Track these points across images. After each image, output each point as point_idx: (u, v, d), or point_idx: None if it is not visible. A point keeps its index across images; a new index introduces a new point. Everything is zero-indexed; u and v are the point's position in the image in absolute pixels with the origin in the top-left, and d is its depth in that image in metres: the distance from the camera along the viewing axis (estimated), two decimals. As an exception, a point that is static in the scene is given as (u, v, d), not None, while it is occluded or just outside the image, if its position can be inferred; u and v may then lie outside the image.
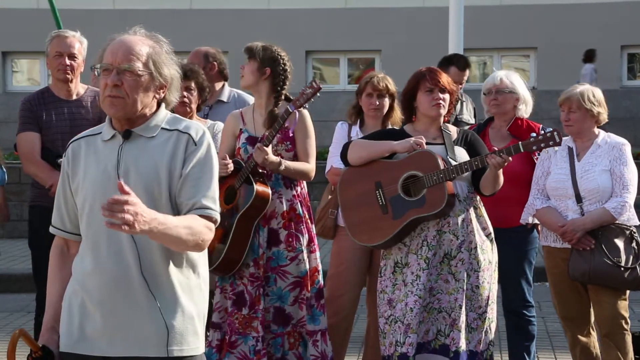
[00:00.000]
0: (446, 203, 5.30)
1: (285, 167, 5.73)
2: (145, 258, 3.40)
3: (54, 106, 6.19)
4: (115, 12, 15.52)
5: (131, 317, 3.40)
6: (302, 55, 15.93)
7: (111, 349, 3.42)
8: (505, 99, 6.12)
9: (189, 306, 3.46)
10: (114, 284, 3.40)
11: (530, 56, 16.34)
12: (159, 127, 3.49)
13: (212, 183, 3.45)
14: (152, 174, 3.41)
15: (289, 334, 5.83)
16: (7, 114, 14.74)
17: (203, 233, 3.38)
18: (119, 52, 3.42)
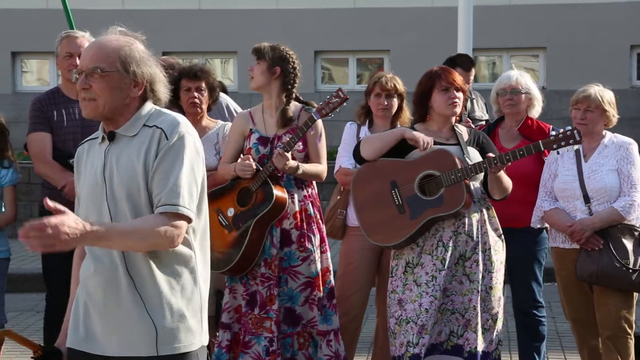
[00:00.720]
0: (465, 202, 5.29)
1: (303, 171, 5.75)
2: (130, 258, 3.40)
3: (64, 106, 6.19)
4: (124, 12, 15.53)
5: (121, 317, 3.42)
6: (310, 55, 15.91)
7: (107, 348, 3.45)
8: (520, 99, 6.12)
9: (178, 304, 3.43)
10: (106, 284, 3.43)
11: (540, 56, 16.29)
12: (141, 124, 3.46)
13: (180, 177, 3.36)
14: (130, 174, 3.40)
15: (298, 334, 5.84)
16: (17, 114, 14.75)
17: (164, 231, 3.30)
18: (86, 55, 3.44)
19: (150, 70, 3.47)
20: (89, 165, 3.53)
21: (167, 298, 3.42)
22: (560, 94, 14.73)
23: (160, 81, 3.52)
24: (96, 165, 3.48)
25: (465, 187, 5.31)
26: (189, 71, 6.18)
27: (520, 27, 15.60)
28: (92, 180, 3.48)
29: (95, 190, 3.45)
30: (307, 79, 15.74)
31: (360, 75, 16.82)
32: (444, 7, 14.55)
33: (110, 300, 3.43)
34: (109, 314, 3.44)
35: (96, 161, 3.50)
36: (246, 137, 5.92)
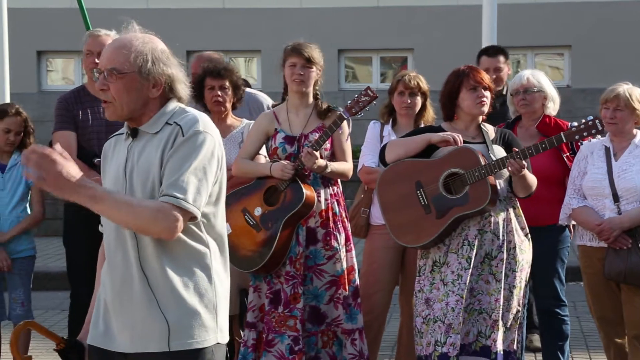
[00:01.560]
0: (490, 199, 5.28)
1: (331, 169, 5.76)
2: (144, 255, 3.40)
3: (89, 105, 6.21)
4: (148, 11, 15.58)
5: (134, 313, 3.43)
6: (334, 54, 15.90)
7: (122, 344, 3.47)
8: (533, 98, 6.12)
9: (191, 300, 3.42)
10: (120, 281, 3.44)
11: (565, 54, 16.22)
12: (164, 122, 3.44)
13: (187, 171, 3.32)
14: (147, 169, 3.39)
15: (322, 332, 5.84)
16: (42, 113, 14.82)
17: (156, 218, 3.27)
18: (104, 55, 3.41)
19: (169, 70, 3.44)
20: (114, 161, 3.54)
21: (179, 294, 3.41)
22: (585, 93, 14.67)
23: (180, 80, 3.48)
24: (118, 161, 3.50)
25: (489, 184, 5.29)
26: (212, 70, 6.20)
27: (544, 25, 15.53)
28: (114, 175, 3.49)
29: (116, 184, 3.46)
30: (330, 77, 15.78)
31: (384, 74, 16.80)
32: (468, 5, 14.50)
33: (124, 296, 3.44)
34: (123, 310, 3.45)
35: (120, 157, 3.51)
36: (271, 136, 5.92)
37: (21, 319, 6.25)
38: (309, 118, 5.91)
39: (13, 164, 6.29)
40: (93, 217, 5.76)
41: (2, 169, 6.27)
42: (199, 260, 3.45)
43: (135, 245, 3.41)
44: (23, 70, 15.34)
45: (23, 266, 6.30)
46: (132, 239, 3.42)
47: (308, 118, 5.90)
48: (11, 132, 6.25)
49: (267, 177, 5.82)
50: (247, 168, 5.88)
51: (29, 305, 6.29)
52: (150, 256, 3.40)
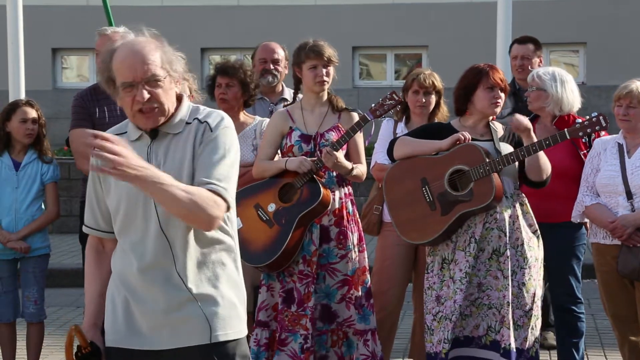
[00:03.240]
0: (494, 195, 5.29)
1: (355, 173, 5.78)
2: (177, 253, 3.43)
3: (106, 102, 6.22)
4: (163, 9, 15.60)
5: (173, 312, 3.44)
6: (349, 51, 15.90)
7: (154, 342, 3.47)
8: (535, 96, 6.09)
9: (228, 292, 3.49)
10: (153, 280, 3.44)
11: (580, 51, 16.19)
12: (184, 122, 3.49)
13: (222, 164, 3.41)
14: (179, 169, 3.42)
15: (332, 331, 5.83)
16: (57, 110, 14.88)
17: (207, 205, 3.32)
18: (136, 65, 3.40)
19: (181, 67, 3.52)
20: None
21: (216, 287, 3.47)
22: (601, 90, 14.63)
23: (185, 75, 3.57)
24: None
25: (494, 180, 5.30)
26: (221, 67, 6.25)
27: (559, 22, 15.49)
28: None
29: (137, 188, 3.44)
30: (345, 75, 15.78)
31: (399, 71, 16.80)
32: (483, 2, 14.48)
33: (160, 296, 3.44)
34: (160, 309, 3.45)
35: None
36: (285, 135, 5.92)
37: (34, 318, 6.28)
38: (325, 116, 5.91)
39: (27, 161, 6.29)
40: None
41: (16, 167, 6.28)
42: (229, 253, 3.53)
43: (166, 244, 3.43)
44: (38, 67, 15.40)
45: (37, 264, 6.31)
46: (162, 238, 3.42)
47: (324, 116, 5.91)
48: (28, 121, 6.25)
49: (282, 174, 5.82)
50: (263, 167, 5.88)
51: (42, 303, 6.30)
52: (183, 254, 3.43)
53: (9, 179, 6.23)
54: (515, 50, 7.57)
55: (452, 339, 5.36)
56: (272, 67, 6.80)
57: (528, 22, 14.03)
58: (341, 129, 5.85)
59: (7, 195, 6.22)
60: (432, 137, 5.56)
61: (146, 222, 3.45)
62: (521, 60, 7.43)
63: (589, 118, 5.39)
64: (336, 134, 5.83)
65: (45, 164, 6.32)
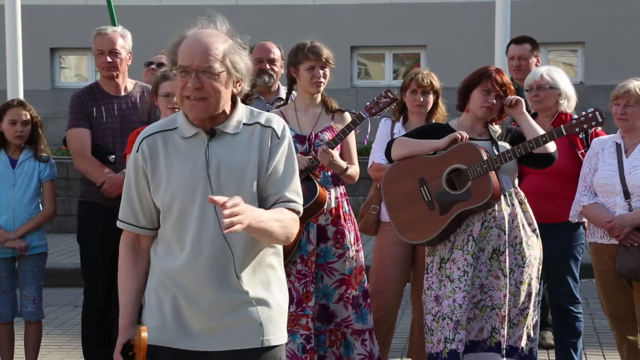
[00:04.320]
0: (492, 194, 5.29)
1: (349, 173, 5.78)
2: (237, 255, 3.44)
3: (103, 102, 6.22)
4: (161, 9, 15.59)
5: (227, 313, 3.46)
6: (347, 50, 15.90)
7: (209, 344, 3.48)
8: (546, 95, 6.09)
9: (279, 297, 3.56)
10: (209, 281, 3.44)
11: (578, 51, 16.18)
12: (241, 122, 3.50)
13: (295, 176, 3.52)
14: (242, 171, 3.44)
15: (330, 331, 5.83)
16: (55, 110, 14.87)
17: (291, 226, 3.47)
18: (196, 53, 3.41)
19: (246, 64, 3.51)
20: (174, 159, 3.49)
21: (269, 291, 3.52)
22: (599, 89, 14.63)
23: (250, 74, 3.56)
24: (192, 160, 3.46)
25: (491, 178, 5.30)
26: None
27: (558, 22, 15.50)
28: (188, 174, 3.45)
29: (195, 185, 3.44)
30: (343, 74, 15.79)
31: (397, 71, 16.79)
32: (482, 2, 14.48)
33: (217, 298, 3.45)
34: (213, 310, 3.45)
35: (190, 156, 3.47)
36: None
37: (32, 317, 6.27)
38: (319, 117, 5.91)
39: (24, 159, 6.28)
40: (107, 214, 5.80)
41: (13, 165, 6.27)
42: (278, 257, 3.60)
43: (225, 247, 3.43)
44: (36, 67, 15.40)
45: (35, 263, 6.30)
46: (221, 239, 3.42)
47: (318, 117, 5.91)
48: (17, 123, 6.23)
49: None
50: None
51: (40, 302, 6.29)
52: (242, 257, 3.46)
53: (6, 176, 6.22)
54: (512, 51, 7.57)
55: (463, 339, 5.33)
56: (269, 67, 6.80)
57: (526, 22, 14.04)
58: (335, 130, 5.86)
59: (5, 193, 6.21)
60: (430, 137, 5.56)
61: (202, 222, 3.44)
62: (518, 61, 7.43)
63: (584, 114, 5.41)
64: (330, 134, 5.84)
65: (42, 162, 6.30)
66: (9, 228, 6.20)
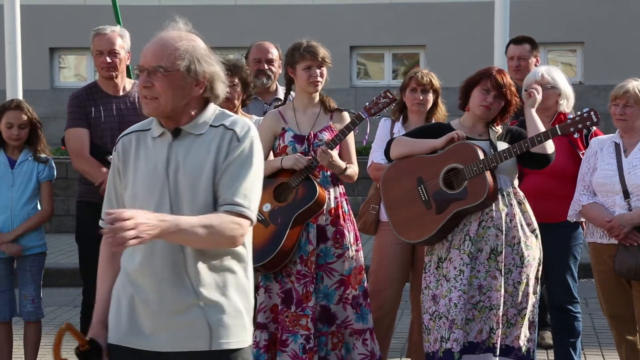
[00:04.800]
0: (488, 193, 5.29)
1: (348, 173, 5.77)
2: (190, 257, 3.42)
3: (102, 102, 6.22)
4: (160, 8, 15.59)
5: (176, 313, 3.43)
6: (346, 50, 15.90)
7: (155, 344, 3.46)
8: (547, 95, 6.08)
9: (235, 300, 3.48)
10: (161, 282, 3.43)
11: (577, 51, 16.19)
12: (207, 124, 3.48)
13: (247, 179, 3.42)
14: (198, 172, 3.41)
15: (332, 333, 5.82)
16: (54, 110, 14.87)
17: (229, 230, 3.35)
18: (149, 52, 3.44)
19: (211, 68, 3.49)
20: (141, 158, 3.51)
21: (223, 294, 3.46)
22: (598, 89, 14.63)
23: (221, 79, 3.53)
24: (155, 160, 3.47)
25: (487, 178, 5.30)
26: (224, 65, 6.17)
27: (557, 22, 15.50)
28: (150, 173, 3.47)
29: (154, 184, 3.45)
30: (342, 74, 15.79)
31: (396, 71, 16.79)
32: (481, 1, 14.49)
33: (166, 297, 3.44)
34: (164, 310, 3.44)
35: (154, 155, 3.48)
36: (278, 136, 5.89)
37: (32, 316, 6.27)
38: (317, 117, 5.90)
39: (23, 159, 6.28)
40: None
41: (12, 165, 6.26)
42: (240, 261, 3.52)
43: (178, 248, 3.41)
44: (36, 67, 15.39)
45: (34, 263, 6.30)
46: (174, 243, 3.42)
47: (316, 117, 5.90)
48: (13, 127, 6.22)
49: (277, 174, 5.81)
50: None
51: (39, 302, 6.29)
52: (194, 258, 3.42)
53: (5, 176, 6.22)
54: (511, 51, 7.57)
55: (458, 339, 5.34)
56: (267, 67, 6.80)
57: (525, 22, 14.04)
58: (334, 130, 5.85)
59: (3, 194, 6.21)
60: (431, 136, 5.56)
61: None
62: (518, 61, 7.43)
63: (580, 114, 5.42)
64: (329, 134, 5.83)
65: (41, 163, 6.30)
66: (6, 228, 6.19)
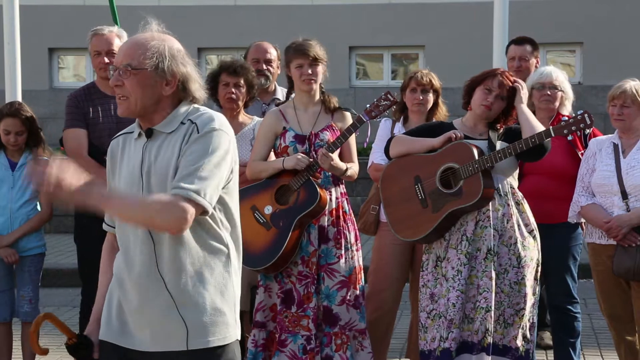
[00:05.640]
0: (482, 193, 5.29)
1: (349, 173, 5.77)
2: (161, 255, 3.42)
3: (100, 102, 6.22)
4: (160, 8, 15.58)
5: (153, 314, 3.45)
6: (345, 51, 15.89)
7: (140, 343, 3.48)
8: (556, 96, 6.12)
9: (212, 298, 3.45)
10: (137, 281, 3.46)
11: (576, 51, 16.18)
12: (179, 121, 3.46)
13: (201, 168, 3.32)
14: (166, 170, 3.41)
15: (336, 334, 5.80)
16: (54, 110, 14.86)
17: (169, 212, 3.27)
18: (121, 51, 3.46)
19: (183, 69, 3.47)
20: (125, 160, 3.54)
21: (199, 293, 3.43)
22: (597, 89, 14.62)
23: (194, 80, 3.50)
24: (133, 161, 3.50)
25: (482, 178, 5.30)
26: (229, 66, 6.16)
27: (556, 22, 15.48)
28: (129, 175, 3.49)
29: (132, 185, 3.47)
30: (341, 74, 15.78)
31: (395, 71, 16.78)
32: (480, 2, 14.48)
33: (142, 296, 3.45)
34: (141, 310, 3.46)
35: (133, 157, 3.51)
36: (279, 135, 5.89)
37: (29, 317, 6.27)
38: (318, 116, 5.90)
39: (23, 162, 6.27)
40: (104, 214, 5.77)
41: (12, 167, 6.27)
42: (219, 257, 3.47)
43: (150, 247, 3.42)
44: (35, 67, 15.37)
45: (32, 263, 6.30)
46: (148, 239, 3.42)
47: (317, 116, 5.89)
48: (11, 134, 6.22)
49: (278, 176, 5.81)
50: (259, 167, 5.84)
51: (36, 302, 6.29)
52: (167, 256, 3.41)
53: (6, 179, 6.22)
54: (512, 51, 7.56)
55: (456, 338, 5.35)
56: (265, 68, 6.80)
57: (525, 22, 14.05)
58: (335, 128, 5.85)
59: (3, 196, 6.21)
60: (432, 135, 5.57)
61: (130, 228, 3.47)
62: (519, 61, 7.43)
63: (574, 116, 5.42)
64: (330, 133, 5.83)
65: (41, 165, 6.29)
66: (5, 230, 6.20)
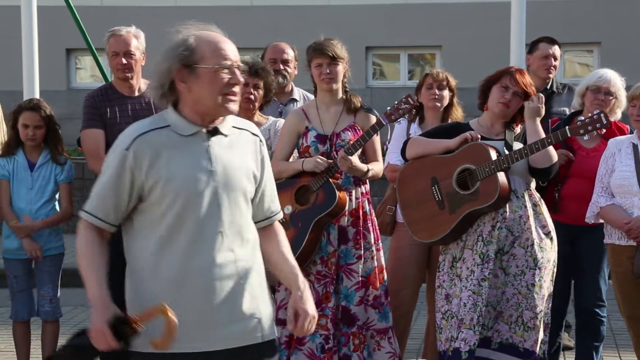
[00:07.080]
0: (499, 194, 5.27)
1: (371, 174, 5.76)
2: (238, 253, 3.55)
3: (117, 103, 6.22)
4: (176, 9, 15.62)
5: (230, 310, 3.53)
6: (362, 51, 15.90)
7: (211, 343, 3.52)
8: (609, 103, 6.05)
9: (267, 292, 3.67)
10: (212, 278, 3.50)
11: (594, 51, 16.14)
12: (230, 125, 3.61)
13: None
14: (244, 170, 3.58)
15: (353, 334, 5.80)
16: (71, 111, 14.89)
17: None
18: (234, 50, 3.65)
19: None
20: (175, 156, 3.50)
21: (265, 289, 3.66)
22: (615, 90, 14.56)
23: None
24: (195, 157, 3.51)
25: (499, 179, 5.29)
26: (251, 66, 6.11)
27: (574, 22, 15.45)
28: (191, 170, 3.49)
29: (199, 181, 3.48)
30: (358, 74, 15.75)
31: (412, 71, 16.78)
32: (497, 2, 14.45)
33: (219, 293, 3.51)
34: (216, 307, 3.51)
35: (191, 152, 3.51)
36: (301, 135, 5.89)
37: (49, 316, 6.30)
38: (340, 115, 5.89)
39: (42, 162, 6.30)
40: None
41: (31, 167, 6.29)
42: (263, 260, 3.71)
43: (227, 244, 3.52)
44: (52, 67, 15.44)
45: (52, 263, 6.33)
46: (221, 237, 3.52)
47: (339, 115, 5.89)
48: (29, 127, 6.24)
49: (299, 176, 5.81)
50: (281, 167, 5.84)
51: (57, 301, 6.32)
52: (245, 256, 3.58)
53: (25, 179, 6.25)
54: (545, 49, 7.35)
55: (466, 338, 5.33)
56: (282, 68, 6.79)
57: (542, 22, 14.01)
58: (357, 128, 5.84)
59: (22, 196, 6.24)
60: (449, 136, 5.55)
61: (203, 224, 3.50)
62: (553, 60, 7.32)
63: (590, 116, 5.38)
64: (352, 133, 5.82)
65: (59, 165, 6.31)
66: (26, 232, 6.24)
